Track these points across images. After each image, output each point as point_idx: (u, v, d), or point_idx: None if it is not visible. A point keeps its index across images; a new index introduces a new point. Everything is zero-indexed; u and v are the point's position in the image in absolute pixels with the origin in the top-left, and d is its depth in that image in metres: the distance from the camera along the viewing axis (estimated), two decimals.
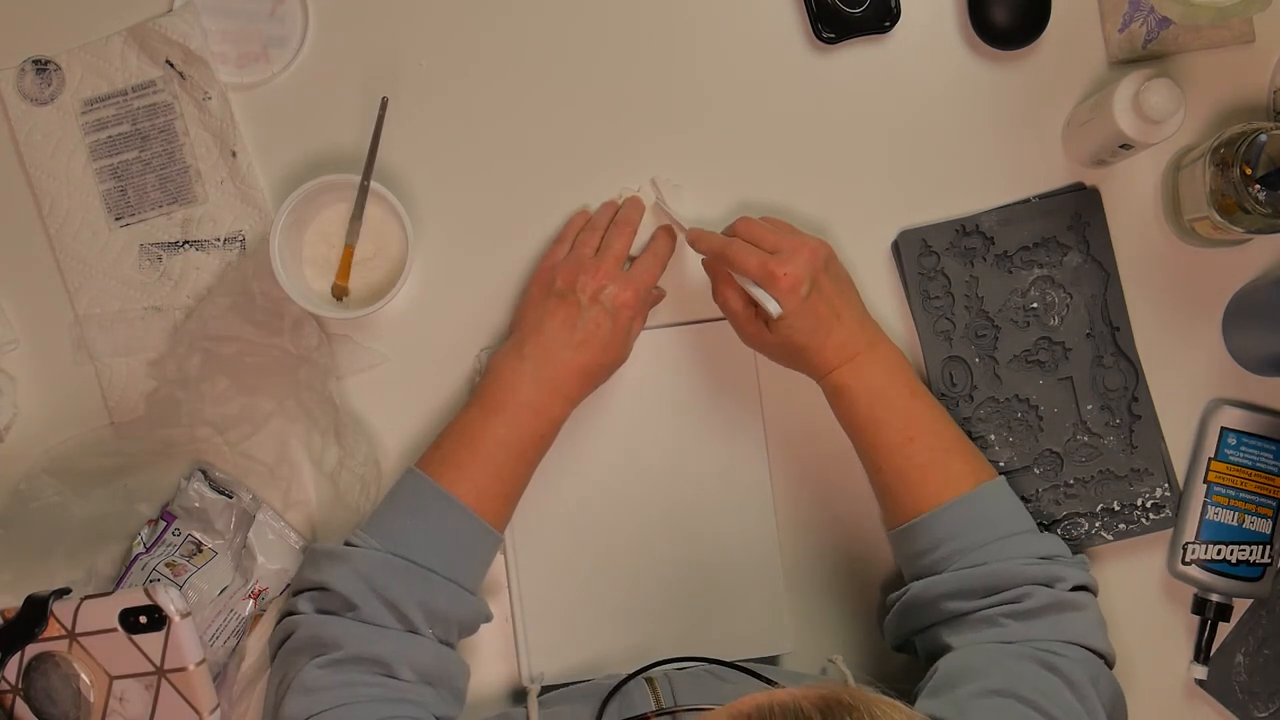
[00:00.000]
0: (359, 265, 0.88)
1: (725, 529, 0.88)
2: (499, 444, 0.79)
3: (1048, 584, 0.74)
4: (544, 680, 0.85)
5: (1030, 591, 0.74)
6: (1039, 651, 0.71)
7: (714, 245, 0.81)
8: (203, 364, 0.86)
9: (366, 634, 0.73)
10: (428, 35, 0.90)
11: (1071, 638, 0.73)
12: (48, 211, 0.90)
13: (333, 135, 0.90)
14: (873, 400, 0.79)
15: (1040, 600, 0.73)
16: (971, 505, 0.78)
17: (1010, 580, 0.75)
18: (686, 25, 0.90)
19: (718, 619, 0.88)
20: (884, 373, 0.80)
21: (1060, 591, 0.74)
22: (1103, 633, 0.75)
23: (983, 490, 0.78)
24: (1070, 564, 0.78)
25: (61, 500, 0.85)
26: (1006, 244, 0.88)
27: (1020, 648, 0.72)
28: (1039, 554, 0.77)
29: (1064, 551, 0.79)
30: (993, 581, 0.75)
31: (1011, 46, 0.89)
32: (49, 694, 0.75)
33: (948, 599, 0.76)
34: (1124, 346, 0.88)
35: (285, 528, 0.88)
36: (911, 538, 0.79)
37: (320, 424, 0.87)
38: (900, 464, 0.79)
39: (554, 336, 0.80)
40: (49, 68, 0.89)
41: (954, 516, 0.77)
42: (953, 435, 0.81)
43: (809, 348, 0.79)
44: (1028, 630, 0.73)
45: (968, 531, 0.77)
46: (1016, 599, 0.74)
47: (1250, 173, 0.79)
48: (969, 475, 0.79)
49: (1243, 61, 0.89)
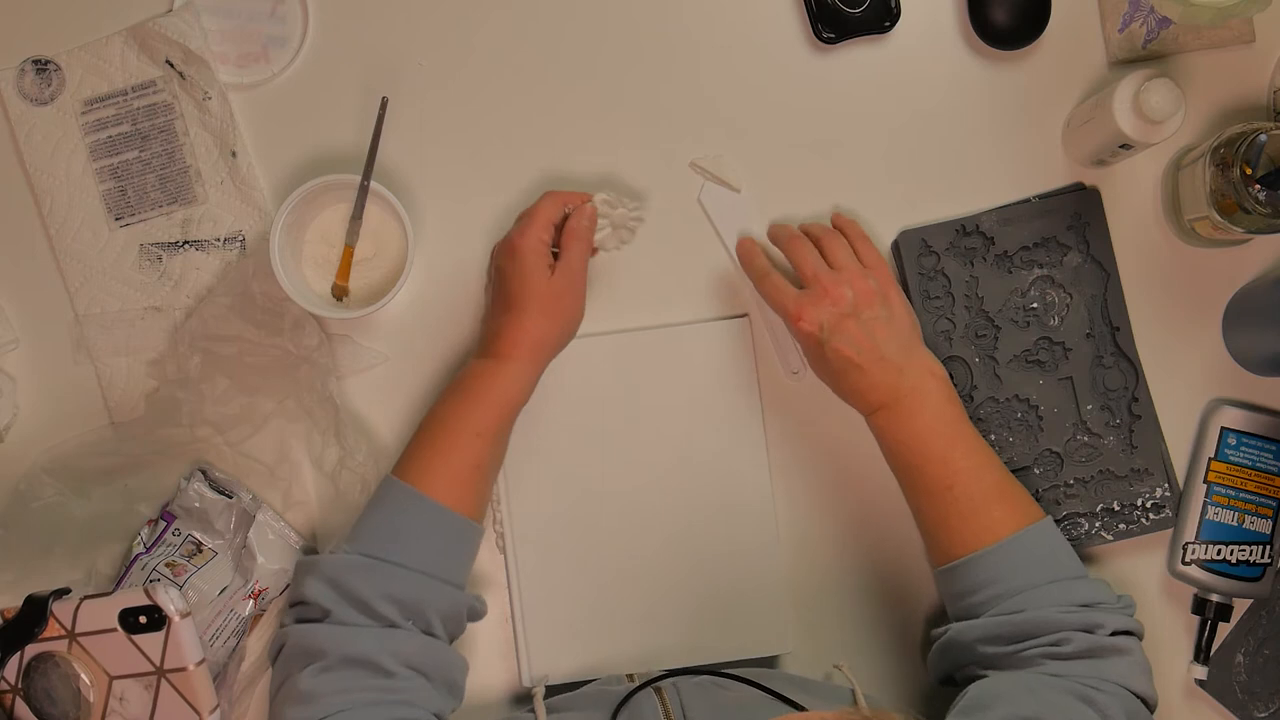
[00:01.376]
0: (359, 265, 0.88)
1: (725, 528, 0.88)
2: (457, 432, 0.79)
3: (1087, 630, 0.74)
4: (547, 682, 0.85)
5: (1069, 637, 0.73)
6: (1077, 685, 0.70)
7: (754, 271, 0.85)
8: (203, 364, 0.86)
9: (345, 635, 0.74)
10: (427, 35, 0.90)
11: (1112, 678, 0.72)
12: (48, 211, 0.90)
13: (333, 135, 0.90)
14: (908, 448, 0.79)
15: (1078, 646, 0.72)
16: (1010, 552, 0.77)
17: (1046, 627, 0.74)
18: (686, 26, 0.90)
19: (718, 618, 0.87)
20: (921, 419, 0.79)
21: (1100, 637, 0.73)
22: (1146, 677, 0.74)
23: (1023, 536, 0.77)
24: (1111, 610, 0.76)
25: (61, 500, 0.85)
26: (1006, 244, 0.88)
27: (1058, 680, 0.71)
28: (1078, 601, 0.75)
29: (1106, 598, 0.77)
30: (1028, 629, 0.74)
31: (1011, 46, 0.89)
32: (49, 694, 0.75)
33: (982, 644, 0.76)
34: (1124, 346, 0.88)
35: (285, 528, 0.88)
36: (951, 580, 0.79)
37: (320, 424, 0.87)
38: (941, 508, 0.79)
39: (490, 311, 0.84)
40: (49, 68, 0.89)
41: (992, 563, 0.77)
42: (994, 480, 0.79)
43: (836, 391, 0.82)
44: (1067, 669, 0.72)
45: (1005, 578, 0.76)
46: (1054, 643, 0.73)
47: (1250, 173, 0.78)
48: (1009, 521, 0.78)
49: (1243, 61, 0.89)
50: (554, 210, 0.82)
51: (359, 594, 0.74)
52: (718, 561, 0.88)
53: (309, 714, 0.71)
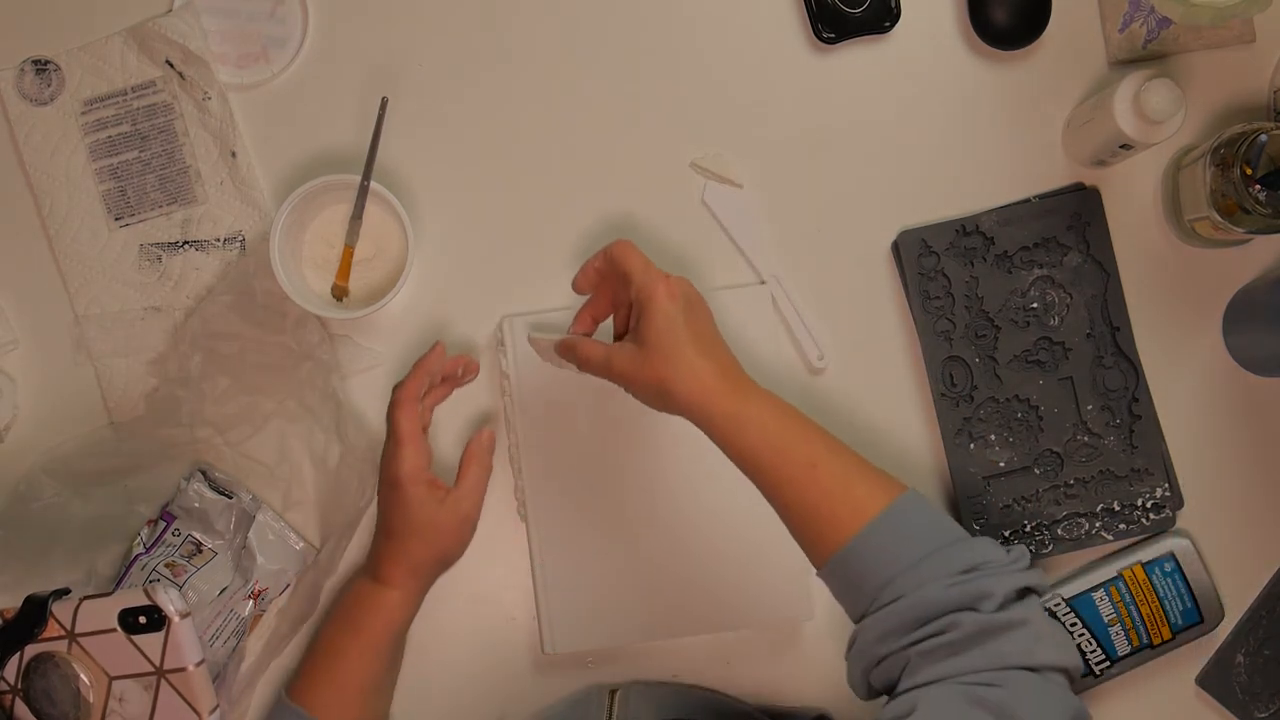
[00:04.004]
0: (359, 265, 0.88)
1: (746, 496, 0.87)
2: (344, 657, 0.81)
3: (972, 607, 0.66)
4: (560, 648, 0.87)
5: (955, 621, 0.66)
6: (968, 686, 0.64)
7: (596, 257, 0.77)
8: (204, 362, 0.86)
9: None
10: (428, 35, 0.90)
11: (1010, 662, 0.65)
12: (48, 212, 0.89)
13: (333, 135, 0.90)
14: (765, 429, 0.73)
15: (966, 629, 0.65)
16: (881, 531, 0.70)
17: (931, 610, 0.66)
18: (687, 26, 0.90)
19: (738, 586, 0.87)
20: (770, 404, 0.74)
21: (987, 615, 0.65)
22: (1047, 643, 0.66)
23: (889, 512, 0.70)
24: (997, 571, 0.68)
25: (61, 501, 0.85)
26: (1006, 244, 0.88)
27: (948, 687, 0.65)
28: (959, 568, 0.67)
29: (990, 556, 0.68)
30: (914, 615, 0.67)
31: (1011, 46, 0.89)
32: (48, 694, 0.75)
33: (878, 643, 0.68)
34: (1124, 346, 0.88)
35: (285, 528, 0.88)
36: (833, 579, 0.72)
37: (323, 421, 0.87)
38: (807, 497, 0.72)
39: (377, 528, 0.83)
40: (49, 68, 0.89)
41: (867, 549, 0.70)
42: (851, 457, 0.73)
43: (688, 364, 0.73)
44: (960, 664, 0.65)
45: (884, 563, 0.69)
46: (941, 630, 0.66)
47: (1250, 173, 0.78)
48: (874, 498, 0.71)
49: (1243, 61, 0.89)
50: (416, 422, 0.80)
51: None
52: (737, 529, 0.87)
53: None
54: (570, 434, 0.88)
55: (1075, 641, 0.86)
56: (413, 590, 0.82)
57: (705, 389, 0.73)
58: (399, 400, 0.80)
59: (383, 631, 0.82)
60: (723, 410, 0.72)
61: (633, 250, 0.75)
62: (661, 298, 0.73)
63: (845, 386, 0.90)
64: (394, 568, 0.81)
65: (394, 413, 0.79)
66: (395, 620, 0.82)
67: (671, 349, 0.73)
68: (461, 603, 0.89)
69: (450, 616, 0.89)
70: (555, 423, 0.88)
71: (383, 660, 0.83)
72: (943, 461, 0.89)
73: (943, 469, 0.89)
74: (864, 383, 0.90)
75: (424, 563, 0.81)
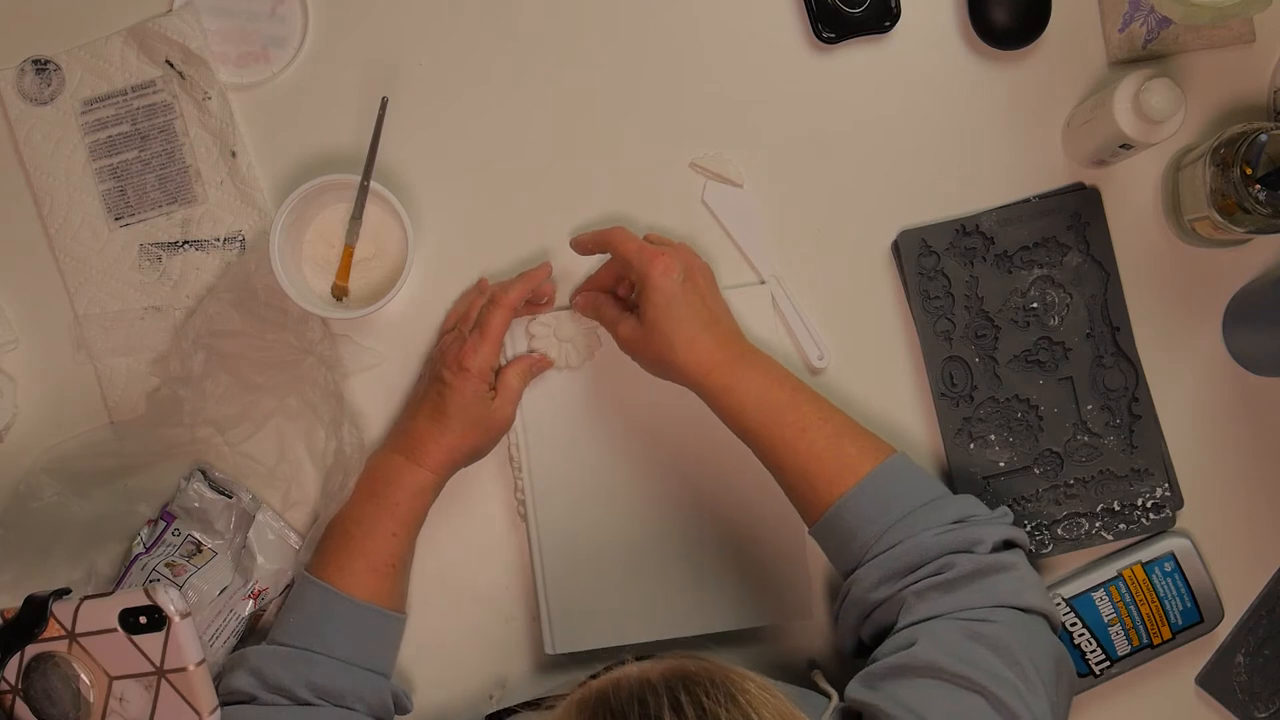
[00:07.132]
0: (359, 265, 0.88)
1: (747, 494, 0.88)
2: (373, 534, 0.82)
3: (966, 549, 0.72)
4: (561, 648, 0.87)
5: (950, 561, 0.71)
6: (965, 621, 0.69)
7: (593, 235, 0.84)
8: (206, 361, 0.86)
9: (266, 715, 0.77)
10: (428, 35, 0.90)
11: (1001, 600, 0.70)
12: (48, 211, 0.89)
13: (333, 135, 0.90)
14: (759, 397, 0.78)
15: (962, 569, 0.71)
16: (873, 487, 0.76)
17: (926, 554, 0.72)
18: (687, 26, 0.90)
19: (740, 586, 0.88)
20: (764, 372, 0.80)
21: (981, 555, 0.72)
22: (1034, 589, 0.72)
23: (882, 470, 0.76)
24: (985, 522, 0.74)
25: (61, 500, 0.85)
26: (1006, 244, 0.88)
27: (946, 621, 0.70)
28: (950, 519, 0.74)
29: (977, 510, 0.75)
30: (909, 559, 0.72)
31: (1011, 46, 0.89)
32: (49, 694, 0.75)
33: (873, 590, 0.74)
34: (1124, 346, 0.88)
35: (285, 528, 0.88)
36: (826, 534, 0.78)
37: (325, 418, 0.87)
38: (799, 459, 0.77)
39: (416, 407, 0.85)
40: (49, 68, 0.89)
41: (859, 503, 0.75)
42: (841, 419, 0.79)
43: (686, 340, 0.79)
44: (956, 601, 0.70)
45: (877, 515, 0.75)
46: (938, 570, 0.71)
47: (1250, 173, 0.78)
48: (865, 458, 0.77)
49: (1243, 61, 0.89)
50: (505, 328, 0.84)
51: (281, 681, 0.77)
52: (739, 528, 0.88)
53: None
54: (571, 434, 0.88)
55: (1075, 642, 0.87)
56: (443, 477, 0.84)
57: (700, 364, 0.79)
58: (500, 302, 0.83)
59: (418, 510, 0.83)
60: (718, 383, 0.79)
61: (626, 237, 0.82)
62: (657, 277, 0.79)
63: (845, 386, 0.90)
64: (435, 450, 0.82)
65: (492, 310, 0.83)
66: (425, 503, 0.83)
67: (669, 328, 0.79)
68: (462, 603, 0.89)
69: (450, 616, 0.89)
70: (555, 423, 0.88)
71: (410, 540, 0.84)
72: (943, 461, 0.89)
73: (943, 469, 0.89)
74: (864, 382, 0.90)
75: (462, 451, 0.83)
